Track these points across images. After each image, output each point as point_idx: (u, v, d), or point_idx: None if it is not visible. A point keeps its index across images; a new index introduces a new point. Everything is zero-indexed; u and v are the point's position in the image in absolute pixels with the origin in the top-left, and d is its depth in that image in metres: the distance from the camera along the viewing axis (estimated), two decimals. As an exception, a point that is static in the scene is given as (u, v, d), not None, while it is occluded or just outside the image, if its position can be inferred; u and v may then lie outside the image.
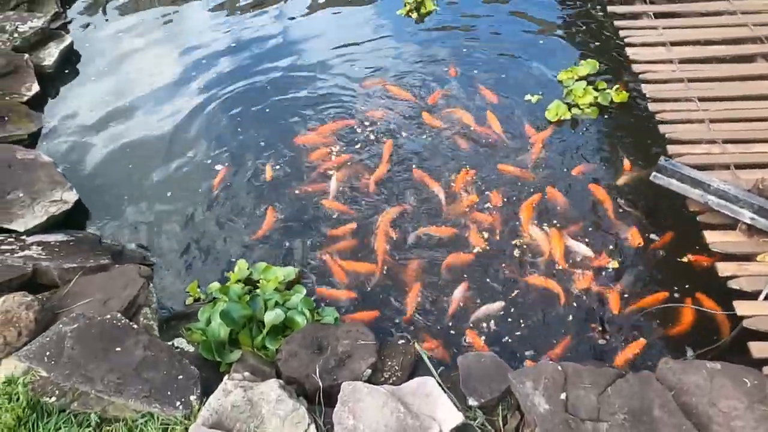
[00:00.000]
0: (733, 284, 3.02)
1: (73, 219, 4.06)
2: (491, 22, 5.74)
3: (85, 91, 5.34)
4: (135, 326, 2.89)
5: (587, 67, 4.90)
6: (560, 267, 3.60)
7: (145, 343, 2.78)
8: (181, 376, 2.69)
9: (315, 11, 6.15)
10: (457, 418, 2.55)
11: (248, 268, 3.69)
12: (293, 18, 6.08)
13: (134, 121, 5.00)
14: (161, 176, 4.50)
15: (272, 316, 3.15)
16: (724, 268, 3.09)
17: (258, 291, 3.48)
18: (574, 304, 3.44)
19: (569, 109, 4.63)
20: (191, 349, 3.12)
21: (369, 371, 2.83)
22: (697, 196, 3.33)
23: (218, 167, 4.49)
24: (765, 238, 3.17)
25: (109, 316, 2.89)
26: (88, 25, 6.18)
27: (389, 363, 2.97)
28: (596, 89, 4.68)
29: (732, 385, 2.64)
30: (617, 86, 4.65)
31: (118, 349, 2.76)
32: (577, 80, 4.80)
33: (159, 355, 2.75)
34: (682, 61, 4.37)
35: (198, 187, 4.38)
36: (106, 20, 6.25)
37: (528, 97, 4.82)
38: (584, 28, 5.52)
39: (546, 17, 5.74)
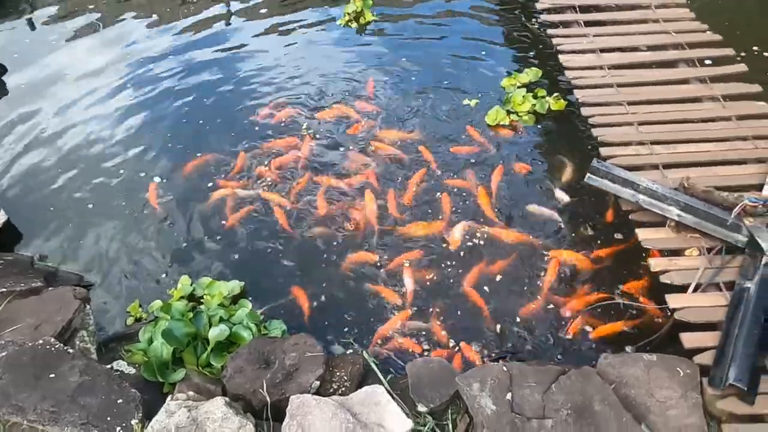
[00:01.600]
0: (664, 278, 3.15)
1: (1, 241, 3.87)
2: (431, 33, 5.84)
3: (11, 107, 5.12)
4: (70, 351, 2.77)
5: (530, 74, 5.04)
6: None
7: (81, 367, 2.66)
8: (120, 400, 2.59)
9: (256, 20, 6.12)
10: (406, 425, 2.56)
11: (191, 284, 3.61)
12: (232, 26, 6.03)
13: (63, 136, 4.83)
14: (96, 192, 4.36)
15: (216, 332, 3.08)
16: (655, 264, 3.22)
17: (202, 307, 3.41)
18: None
19: (508, 115, 4.75)
20: (132, 371, 3.02)
21: (317, 383, 2.80)
22: (629, 196, 3.47)
23: (155, 179, 4.39)
24: (692, 233, 3.33)
25: (41, 342, 2.76)
26: (15, 37, 5.94)
27: (338, 373, 2.95)
28: (535, 97, 4.83)
29: (667, 376, 2.76)
30: (556, 94, 4.81)
31: (51, 375, 2.63)
32: (518, 87, 4.94)
33: (96, 380, 2.64)
34: (612, 67, 4.55)
35: (134, 202, 4.26)
36: (36, 32, 6.03)
37: (467, 101, 4.92)
38: (524, 39, 5.68)
39: (486, 28, 5.87)
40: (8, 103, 5.14)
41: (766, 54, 5.05)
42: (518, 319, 3.46)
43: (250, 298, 3.56)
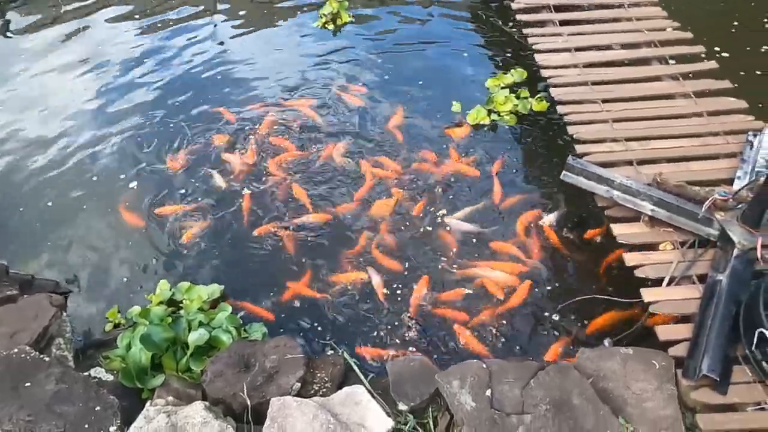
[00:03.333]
0: (639, 273, 3.19)
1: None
2: (409, 34, 5.85)
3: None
4: (46, 359, 2.74)
5: (515, 75, 5.08)
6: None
7: (57, 375, 2.63)
8: (98, 407, 2.56)
9: (232, 19, 6.10)
10: (387, 423, 2.57)
11: (170, 289, 3.59)
12: (212, 34, 5.99)
13: (37, 141, 4.77)
14: (71, 198, 4.30)
15: (196, 337, 3.06)
16: (630, 259, 3.26)
17: (181, 312, 3.39)
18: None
19: (488, 115, 4.79)
20: (110, 377, 2.99)
21: (298, 385, 2.80)
22: (603, 192, 3.52)
23: (132, 185, 4.35)
24: (665, 228, 3.39)
25: (16, 350, 2.72)
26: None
27: (319, 375, 2.95)
28: (518, 97, 4.87)
29: (643, 369, 2.80)
30: (539, 95, 4.85)
31: (27, 384, 2.60)
32: (502, 88, 4.97)
33: (73, 387, 2.61)
34: (586, 65, 4.60)
35: (111, 207, 4.21)
36: (9, 36, 5.94)
37: (455, 105, 4.92)
38: (503, 41, 5.70)
39: (464, 30, 5.89)
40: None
41: (725, 54, 5.14)
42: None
43: (229, 300, 3.54)
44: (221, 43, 5.81)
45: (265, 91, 5.15)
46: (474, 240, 3.91)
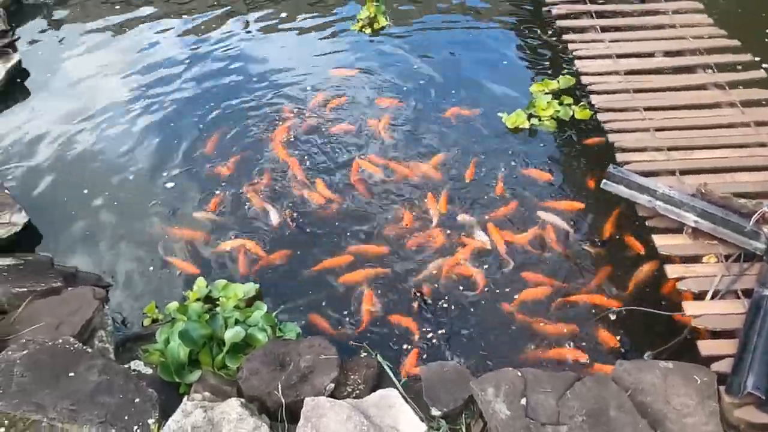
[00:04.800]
0: (681, 285, 3.12)
1: (23, 242, 3.92)
2: (445, 41, 5.82)
3: (33, 110, 5.22)
4: (89, 350, 2.81)
5: (561, 82, 5.01)
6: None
7: (99, 367, 2.70)
8: (138, 399, 2.62)
9: (270, 25, 6.18)
10: (420, 428, 2.57)
11: (207, 286, 3.64)
12: (249, 32, 6.09)
13: (85, 140, 4.90)
14: (115, 195, 4.41)
15: (232, 334, 3.10)
16: (672, 270, 3.19)
17: (218, 309, 3.44)
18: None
19: (528, 119, 4.74)
20: (149, 371, 3.06)
21: (332, 385, 2.82)
22: (645, 202, 3.45)
23: (169, 185, 4.44)
24: (709, 240, 3.30)
25: (61, 341, 2.80)
26: (37, 42, 6.05)
27: (352, 377, 2.96)
28: (561, 104, 4.81)
29: (684, 383, 2.73)
30: (582, 103, 4.77)
31: (71, 374, 2.67)
32: (546, 93, 4.91)
33: (114, 379, 2.67)
34: (628, 73, 4.53)
35: (153, 205, 4.31)
36: (57, 37, 6.14)
37: (501, 114, 4.84)
38: (543, 48, 5.65)
39: (502, 37, 5.85)
40: (30, 110, 5.22)
41: (765, 65, 4.93)
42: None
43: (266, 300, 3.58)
44: (255, 48, 5.87)
45: (295, 101, 5.17)
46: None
